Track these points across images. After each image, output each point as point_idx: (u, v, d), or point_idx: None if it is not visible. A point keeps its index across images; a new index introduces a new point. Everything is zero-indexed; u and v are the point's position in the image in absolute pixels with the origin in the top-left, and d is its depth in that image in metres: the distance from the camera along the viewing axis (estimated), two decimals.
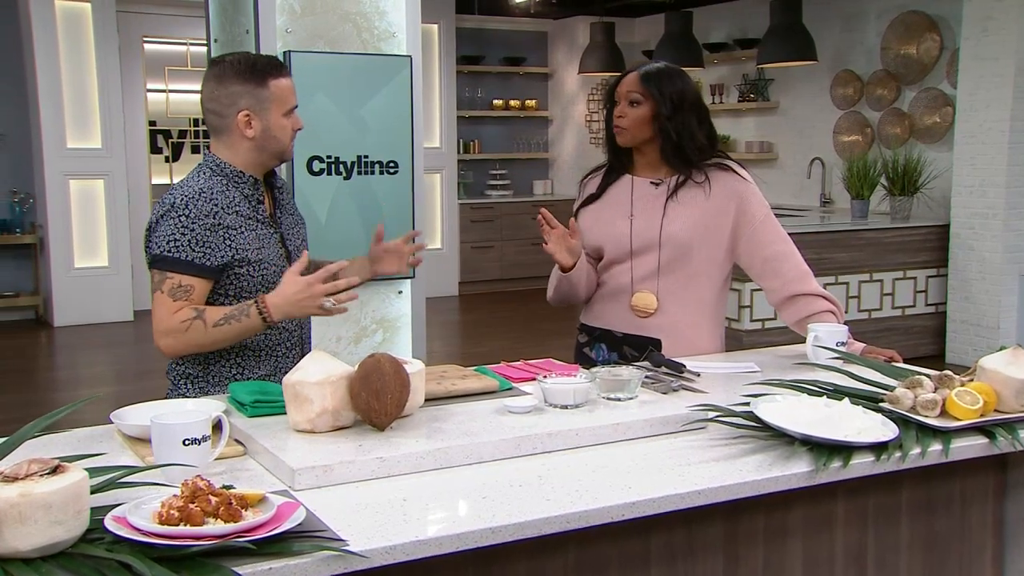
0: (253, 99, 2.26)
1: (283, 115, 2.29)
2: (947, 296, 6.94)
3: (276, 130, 2.29)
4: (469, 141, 10.40)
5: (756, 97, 8.93)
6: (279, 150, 2.32)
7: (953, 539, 2.10)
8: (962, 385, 2.01)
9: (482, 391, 2.11)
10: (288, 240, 2.42)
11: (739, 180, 2.61)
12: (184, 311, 2.20)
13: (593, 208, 2.68)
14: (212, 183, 2.27)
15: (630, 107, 2.58)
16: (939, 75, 7.39)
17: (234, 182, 2.30)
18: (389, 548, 1.39)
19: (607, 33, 9.39)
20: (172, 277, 2.20)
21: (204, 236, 2.21)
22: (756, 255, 2.61)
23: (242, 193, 2.31)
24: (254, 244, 2.29)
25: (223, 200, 2.26)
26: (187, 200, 2.23)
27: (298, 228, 2.50)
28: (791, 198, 8.59)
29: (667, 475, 1.72)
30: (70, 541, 1.29)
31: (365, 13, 3.85)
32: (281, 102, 2.28)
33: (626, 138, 2.61)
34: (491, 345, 7.62)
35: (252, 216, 2.32)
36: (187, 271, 2.20)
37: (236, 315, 2.20)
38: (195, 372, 2.34)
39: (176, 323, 2.20)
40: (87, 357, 7.52)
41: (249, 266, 2.28)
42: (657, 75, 2.59)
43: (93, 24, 8.18)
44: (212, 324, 2.19)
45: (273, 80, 2.27)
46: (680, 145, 2.56)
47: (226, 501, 1.35)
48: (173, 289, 2.20)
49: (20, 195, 8.35)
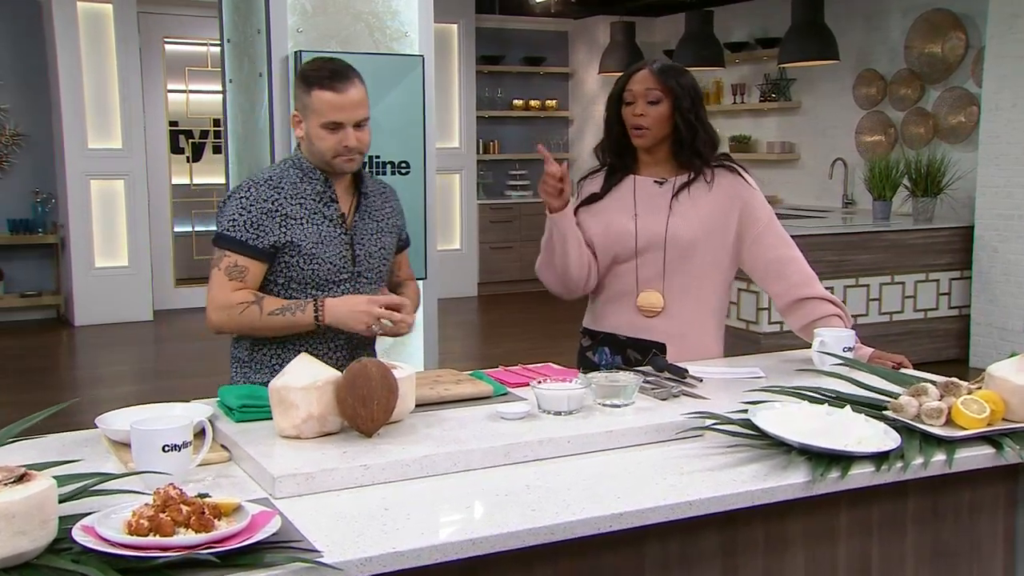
0: (300, 103, 2.36)
1: (320, 126, 2.31)
2: (971, 299, 6.83)
3: (314, 138, 2.33)
4: (488, 141, 10.37)
5: (778, 97, 8.84)
6: (322, 160, 2.36)
7: (962, 550, 2.05)
8: (969, 393, 1.95)
9: (476, 396, 2.07)
10: (359, 245, 2.42)
11: (744, 184, 2.59)
12: (244, 293, 2.29)
13: (595, 208, 2.63)
14: (286, 174, 2.37)
15: (650, 106, 2.51)
16: (964, 74, 7.27)
17: (308, 177, 2.37)
18: (365, 560, 1.36)
19: (628, 33, 9.33)
20: (229, 256, 2.30)
21: (260, 219, 2.30)
22: (760, 258, 2.57)
23: (313, 189, 2.37)
24: (312, 237, 2.34)
25: (290, 191, 2.35)
26: (252, 185, 2.34)
27: (380, 236, 2.47)
28: (813, 199, 8.50)
29: (659, 485, 1.67)
30: (35, 552, 1.26)
31: (377, 12, 3.83)
32: (317, 114, 2.31)
33: (647, 139, 2.54)
34: (509, 346, 7.59)
35: (319, 212, 2.37)
36: (241, 251, 2.30)
37: (292, 308, 2.29)
38: (243, 356, 2.44)
39: (233, 303, 2.28)
40: (107, 356, 7.56)
41: (301, 256, 2.32)
42: (671, 70, 2.55)
43: (114, 25, 8.23)
44: (267, 312, 2.28)
45: (316, 91, 2.31)
46: (695, 140, 2.53)
47: (198, 511, 1.32)
48: (229, 268, 2.30)
49: (42, 195, 8.41)
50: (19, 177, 8.43)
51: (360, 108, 2.32)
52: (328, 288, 2.36)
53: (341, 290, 2.38)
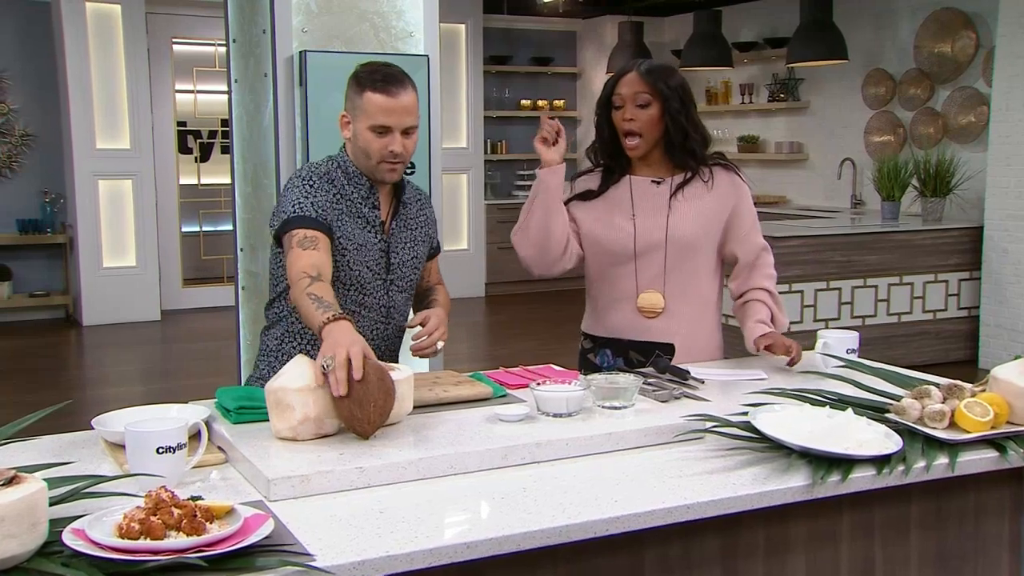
0: (351, 104, 2.34)
1: (368, 128, 2.30)
2: (980, 300, 6.79)
3: (361, 140, 2.32)
4: (496, 141, 10.36)
5: (786, 97, 8.81)
6: (367, 165, 2.34)
7: (966, 554, 2.02)
8: (973, 396, 1.93)
9: (474, 398, 2.06)
10: (394, 253, 2.42)
11: (739, 183, 2.61)
12: (309, 266, 2.15)
13: (591, 205, 2.61)
14: (336, 175, 2.37)
15: (639, 109, 2.49)
16: (974, 74, 7.23)
17: (353, 181, 2.37)
18: (358, 563, 1.35)
19: (636, 33, 9.30)
20: (298, 232, 2.24)
21: (324, 203, 2.30)
22: (741, 255, 2.60)
23: (359, 194, 2.37)
24: (355, 240, 2.34)
25: (342, 191, 2.35)
26: (313, 175, 2.35)
27: (414, 245, 2.47)
28: (822, 199, 8.46)
29: (657, 488, 1.66)
30: (25, 555, 1.25)
31: (382, 12, 3.82)
32: (367, 115, 2.29)
33: (640, 146, 2.51)
34: (516, 347, 7.57)
35: (362, 216, 2.36)
36: (311, 226, 2.25)
37: (320, 303, 2.06)
38: (272, 346, 2.44)
39: (298, 273, 2.14)
40: (114, 356, 7.58)
41: (340, 255, 2.31)
42: (659, 71, 2.52)
43: (123, 26, 8.24)
44: (307, 292, 2.08)
45: (368, 92, 2.30)
46: (686, 140, 2.51)
47: (190, 513, 1.31)
48: (301, 240, 2.23)
49: (51, 195, 8.43)
50: (28, 177, 8.46)
51: (410, 115, 2.29)
52: (360, 291, 2.36)
53: (374, 297, 2.38)
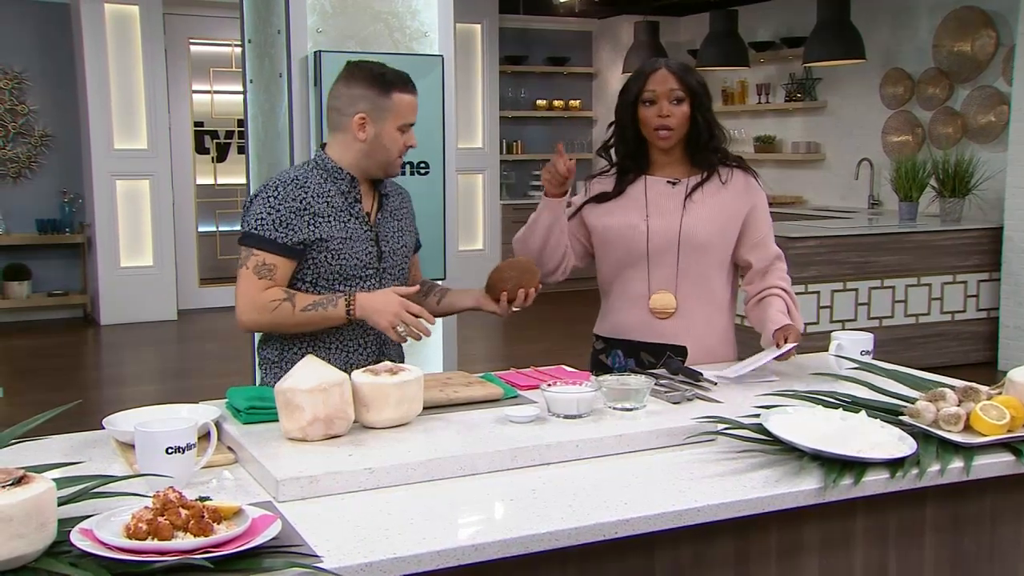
0: (372, 105, 2.33)
1: (397, 128, 2.35)
2: (1000, 301, 6.73)
3: (387, 140, 2.35)
4: (512, 141, 10.35)
5: (803, 97, 8.76)
6: (385, 161, 2.38)
7: (982, 559, 2.00)
8: (989, 399, 1.91)
9: (485, 399, 2.05)
10: (384, 242, 2.44)
11: (756, 188, 2.61)
12: (275, 291, 2.28)
13: (606, 207, 2.60)
14: (310, 175, 2.37)
15: (674, 105, 2.51)
16: (994, 73, 7.17)
17: (332, 178, 2.37)
18: (365, 565, 1.35)
19: (652, 32, 9.27)
20: (257, 255, 2.29)
21: (289, 218, 2.29)
22: (753, 264, 2.59)
23: (338, 189, 2.37)
24: (340, 233, 2.35)
25: (316, 190, 2.35)
26: (279, 184, 2.33)
27: (401, 235, 2.51)
28: (839, 200, 8.41)
29: (668, 491, 1.65)
30: (33, 555, 1.25)
31: (397, 12, 3.82)
32: (399, 115, 2.34)
33: (672, 139, 2.53)
34: (529, 347, 7.55)
35: (345, 210, 2.37)
36: (270, 249, 2.29)
37: (324, 303, 2.28)
38: (273, 357, 2.43)
39: (265, 301, 2.27)
40: (131, 356, 7.62)
41: (329, 253, 2.33)
42: (688, 69, 2.57)
43: (140, 26, 8.28)
44: (300, 308, 2.27)
45: (397, 93, 2.33)
46: (712, 138, 2.55)
47: (197, 514, 1.31)
48: (258, 267, 2.28)
49: (69, 195, 8.48)
50: (47, 177, 8.51)
51: None
52: (354, 284, 2.38)
53: (367, 286, 2.39)
